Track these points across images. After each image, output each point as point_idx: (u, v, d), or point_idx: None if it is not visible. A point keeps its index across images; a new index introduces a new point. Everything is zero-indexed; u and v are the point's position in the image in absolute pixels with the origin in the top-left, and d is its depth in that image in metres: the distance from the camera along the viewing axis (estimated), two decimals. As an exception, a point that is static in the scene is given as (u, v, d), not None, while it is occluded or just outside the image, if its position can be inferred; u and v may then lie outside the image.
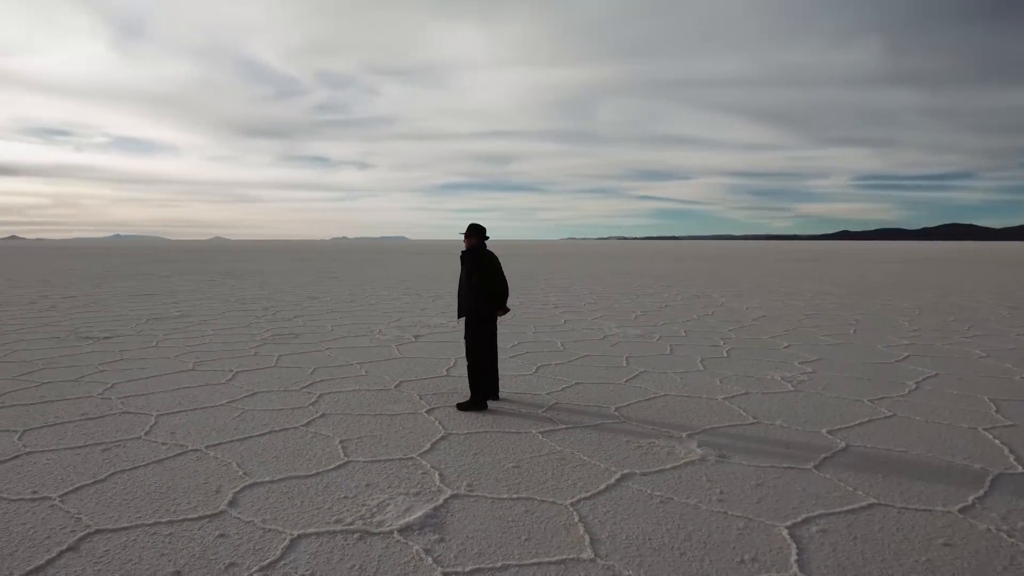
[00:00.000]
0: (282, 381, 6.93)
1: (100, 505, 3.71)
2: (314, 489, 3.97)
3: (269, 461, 4.46)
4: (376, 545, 3.26)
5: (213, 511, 3.65)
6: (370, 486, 4.03)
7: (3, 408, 5.78)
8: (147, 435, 5.02)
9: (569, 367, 7.75)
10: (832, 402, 6.10)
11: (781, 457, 4.58)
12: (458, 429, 5.24)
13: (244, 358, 8.25)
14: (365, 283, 22.06)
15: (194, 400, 6.10)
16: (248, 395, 6.32)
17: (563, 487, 4.03)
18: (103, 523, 3.48)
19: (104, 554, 3.15)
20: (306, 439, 4.95)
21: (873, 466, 4.39)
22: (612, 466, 4.40)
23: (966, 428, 5.29)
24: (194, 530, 3.41)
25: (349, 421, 5.44)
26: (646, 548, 3.24)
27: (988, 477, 4.19)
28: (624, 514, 3.64)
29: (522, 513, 3.66)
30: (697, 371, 7.53)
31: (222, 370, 7.50)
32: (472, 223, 5.99)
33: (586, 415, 5.65)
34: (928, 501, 3.81)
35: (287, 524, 3.49)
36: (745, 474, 4.25)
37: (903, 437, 5.03)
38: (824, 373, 7.42)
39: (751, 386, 6.76)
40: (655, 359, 8.27)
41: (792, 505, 3.76)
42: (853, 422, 5.44)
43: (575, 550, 3.22)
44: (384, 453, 4.65)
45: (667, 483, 4.10)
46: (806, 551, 3.21)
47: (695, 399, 6.22)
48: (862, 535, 3.38)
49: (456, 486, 4.04)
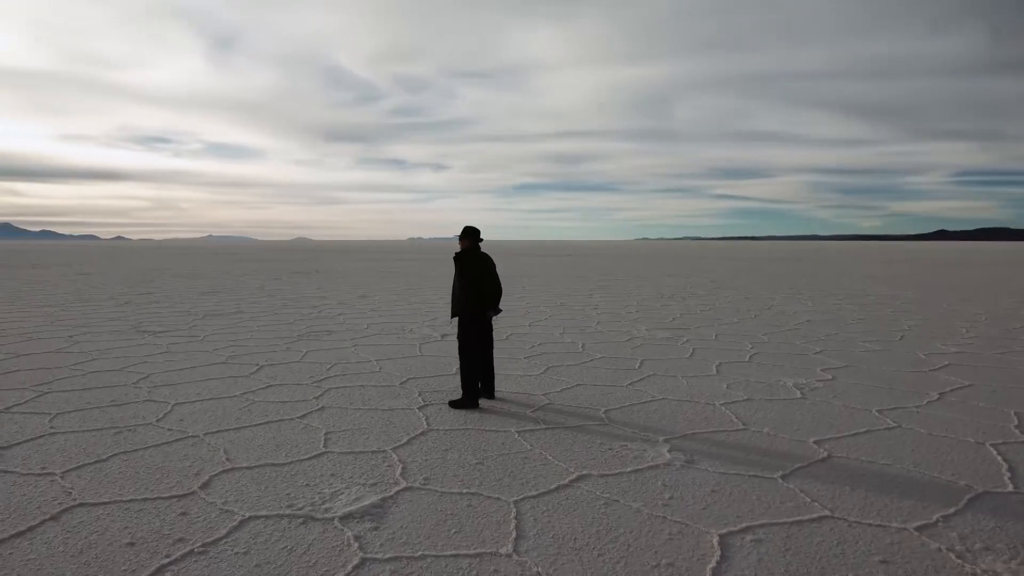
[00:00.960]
0: (299, 375, 7.34)
1: (92, 482, 4.13)
2: (281, 476, 4.25)
3: (253, 449, 4.78)
4: (314, 530, 3.48)
5: (185, 492, 3.98)
6: (334, 476, 4.27)
7: (47, 393, 6.44)
8: (159, 421, 5.48)
9: (579, 368, 7.78)
10: (835, 411, 5.86)
11: (751, 465, 4.48)
12: (441, 426, 5.41)
13: (275, 353, 8.76)
14: (423, 282, 22.66)
15: (213, 391, 6.58)
16: (263, 387, 6.74)
17: (514, 485, 4.13)
18: (89, 498, 3.88)
19: (77, 524, 3.52)
20: (296, 430, 5.26)
21: (845, 478, 4.23)
22: (572, 467, 4.44)
23: (972, 443, 4.97)
24: (162, 508, 3.74)
25: (342, 415, 5.72)
26: (567, 547, 3.30)
27: (968, 495, 3.96)
28: (561, 513, 3.70)
29: (463, 507, 3.78)
30: (708, 376, 7.37)
31: (250, 364, 8.00)
32: (467, 226, 6.14)
33: (572, 416, 5.69)
34: (887, 517, 3.65)
35: (243, 507, 3.76)
36: (704, 480, 4.20)
37: (895, 450, 4.79)
38: (844, 380, 7.10)
39: (757, 392, 6.57)
40: (670, 363, 8.15)
41: (737, 513, 3.70)
42: (847, 432, 5.22)
43: (497, 545, 3.31)
44: (361, 446, 4.88)
45: (620, 486, 4.11)
46: (728, 560, 3.17)
47: (691, 404, 6.12)
48: (796, 548, 3.30)
49: (413, 479, 4.21)
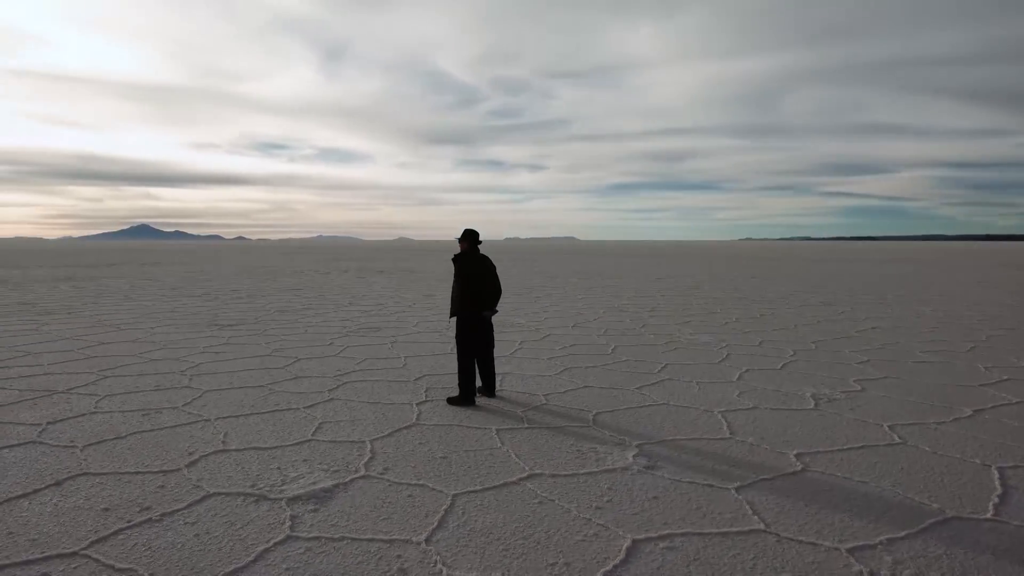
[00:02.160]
0: (326, 369, 7.84)
1: (104, 455, 4.71)
2: (260, 459, 4.65)
3: (250, 434, 5.24)
4: (261, 508, 3.81)
5: (172, 468, 4.46)
6: (305, 461, 4.61)
7: (107, 377, 7.30)
8: (184, 406, 6.10)
9: (596, 371, 7.77)
10: (841, 424, 5.54)
11: (712, 474, 4.38)
12: (429, 421, 5.65)
13: (317, 347, 9.36)
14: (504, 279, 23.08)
15: (243, 380, 7.18)
16: (289, 379, 7.28)
17: (463, 479, 4.28)
18: (94, 468, 4.44)
19: (73, 491, 4.06)
20: (295, 419, 5.68)
21: (805, 494, 4.05)
22: (529, 466, 4.54)
23: (977, 464, 4.57)
24: (147, 481, 4.23)
25: (343, 407, 6.10)
26: (477, 540, 3.42)
27: (933, 519, 3.69)
28: (491, 509, 3.82)
29: (404, 497, 3.99)
30: (726, 382, 7.15)
31: (290, 357, 8.62)
32: (466, 228, 6.35)
33: (560, 418, 5.75)
34: (825, 536, 3.49)
35: (212, 484, 4.17)
36: (652, 486, 4.16)
37: (882, 467, 4.50)
38: (873, 393, 6.65)
39: (767, 401, 6.31)
40: (693, 368, 7.95)
41: (666, 520, 3.67)
42: (839, 447, 4.95)
43: (413, 534, 3.50)
44: (345, 436, 5.21)
45: (565, 486, 4.17)
46: (627, 564, 3.18)
47: (689, 410, 5.99)
48: (705, 558, 3.24)
49: (374, 469, 4.47)
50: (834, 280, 24.57)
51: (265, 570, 3.11)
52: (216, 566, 3.14)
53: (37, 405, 6.06)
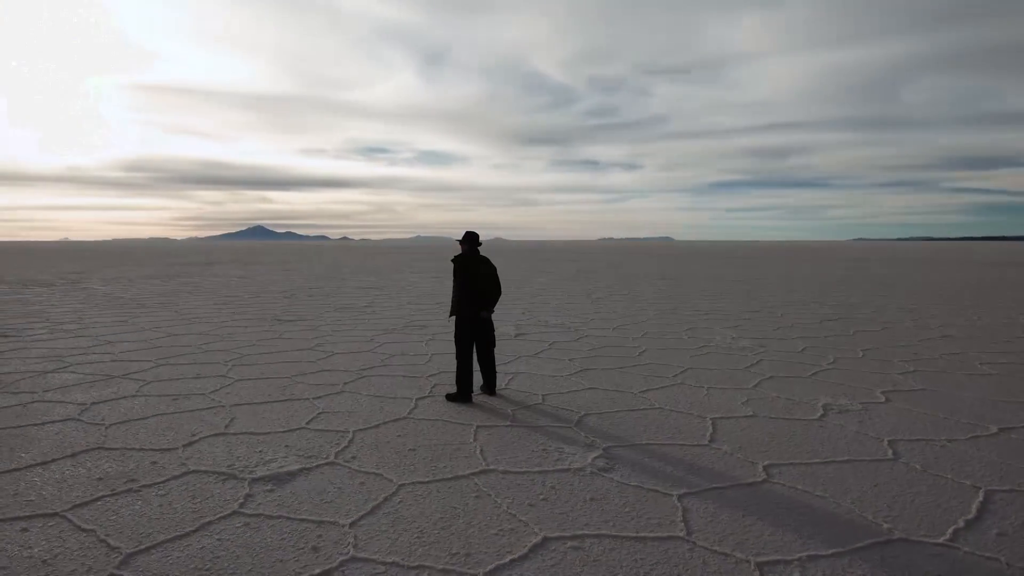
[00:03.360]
0: (354, 363, 8.30)
1: (123, 433, 5.32)
2: (248, 443, 5.08)
3: (254, 421, 5.71)
4: (226, 485, 4.20)
5: (171, 447, 4.98)
6: (287, 447, 4.99)
7: (162, 366, 8.12)
8: (211, 393, 6.71)
9: (611, 373, 7.73)
10: (837, 437, 5.25)
11: (665, 480, 4.33)
12: (420, 415, 5.90)
13: (357, 343, 9.90)
14: (564, 281, 23.18)
15: (274, 372, 7.77)
16: (315, 372, 7.79)
17: (419, 471, 4.49)
18: (110, 444, 5.04)
19: (81, 462, 4.64)
20: (300, 409, 6.11)
21: (750, 505, 3.93)
22: (489, 462, 4.67)
23: (967, 485, 4.23)
24: (144, 456, 4.75)
25: (349, 399, 6.48)
26: (399, 527, 3.62)
27: (874, 539, 3.49)
28: (429, 499, 4.00)
29: (355, 484, 4.26)
30: (738, 389, 6.91)
31: (328, 352, 9.19)
32: (467, 231, 6.56)
33: (546, 418, 5.83)
34: (744, 548, 3.40)
35: (196, 463, 4.63)
36: (595, 488, 4.19)
37: (855, 483, 4.27)
38: (895, 406, 6.21)
39: (770, 410, 6.07)
40: (712, 373, 7.73)
41: (588, 521, 3.70)
42: (818, 460, 4.71)
43: (344, 517, 3.75)
44: (335, 425, 5.57)
45: (511, 483, 4.27)
46: (524, 560, 3.27)
47: (682, 415, 5.88)
48: (605, 560, 3.27)
49: (342, 456, 4.78)
50: (932, 284, 22.60)
51: (199, 539, 3.46)
52: (161, 532, 3.53)
53: (92, 388, 6.88)
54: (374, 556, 3.29)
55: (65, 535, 3.51)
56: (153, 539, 3.46)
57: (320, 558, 3.27)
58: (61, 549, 3.35)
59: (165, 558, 3.26)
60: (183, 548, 3.37)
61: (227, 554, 3.31)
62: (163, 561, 3.23)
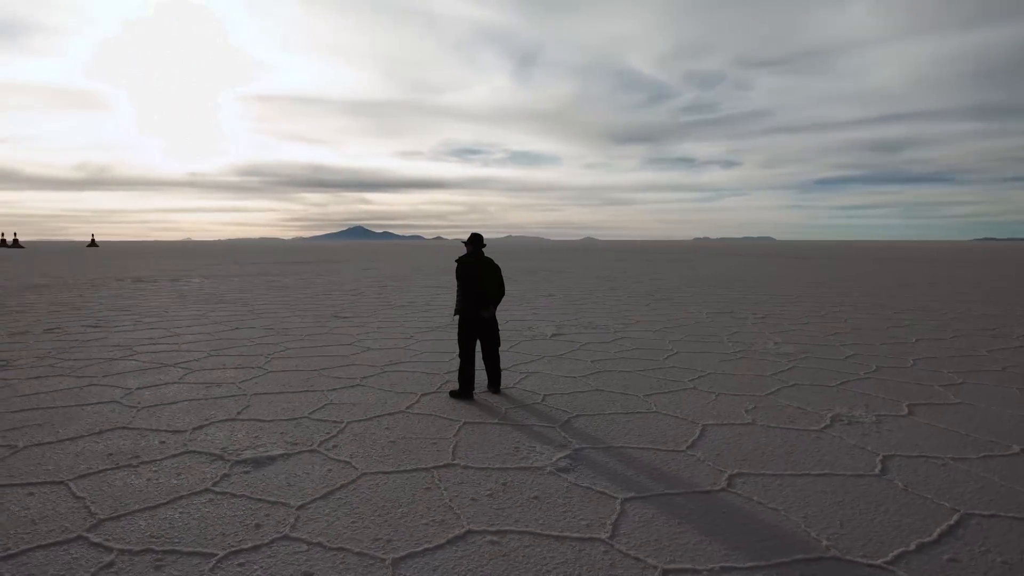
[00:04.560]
0: (382, 359, 8.70)
1: (149, 416, 5.92)
2: (249, 429, 5.52)
3: (265, 409, 6.17)
4: (212, 465, 4.62)
5: (183, 429, 5.50)
6: (281, 434, 5.39)
7: (213, 356, 8.87)
8: (241, 383, 7.29)
9: (626, 376, 7.67)
10: (828, 450, 5.00)
11: (619, 483, 4.32)
12: (419, 411, 6.15)
13: (394, 340, 10.34)
14: (629, 282, 22.88)
15: (307, 365, 8.29)
16: (343, 366, 8.25)
17: (387, 462, 4.73)
18: (134, 424, 5.63)
19: (104, 438, 5.24)
20: (310, 400, 6.53)
21: (695, 513, 3.87)
22: (458, 458, 4.83)
23: (946, 508, 3.94)
24: (156, 437, 5.29)
25: (361, 393, 6.84)
26: (341, 511, 3.86)
27: (807, 555, 3.35)
28: (381, 488, 4.22)
29: (323, 471, 4.55)
30: (748, 396, 6.67)
31: (365, 348, 9.66)
32: (473, 233, 6.75)
33: (537, 417, 5.91)
34: (658, 555, 3.38)
35: (197, 444, 5.10)
36: (545, 486, 4.25)
37: (818, 497, 4.08)
38: (915, 419, 5.80)
39: (771, 419, 5.83)
40: (731, 379, 7.48)
41: (518, 518, 3.78)
42: (793, 472, 4.52)
43: (297, 500, 4.04)
44: (334, 416, 5.92)
45: (467, 478, 4.42)
46: (439, 549, 3.41)
47: (675, 420, 5.78)
48: (514, 556, 3.35)
49: (324, 445, 5.10)
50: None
51: (166, 511, 3.86)
52: (137, 503, 3.97)
53: (143, 375, 7.67)
54: (304, 536, 3.55)
55: (59, 501, 4.02)
56: (127, 508, 3.90)
57: (257, 534, 3.57)
58: (51, 512, 3.85)
59: (130, 525, 3.68)
60: (149, 517, 3.78)
61: (182, 525, 3.68)
62: (127, 527, 3.65)
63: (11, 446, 5.04)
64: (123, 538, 3.53)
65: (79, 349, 9.35)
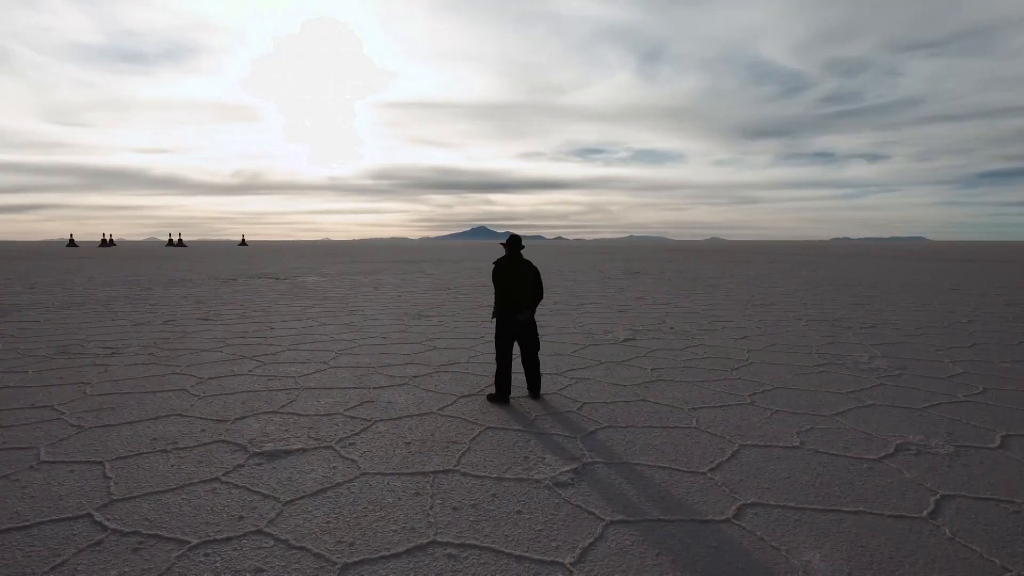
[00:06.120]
0: (442, 358, 8.81)
1: (205, 405, 6.39)
2: (283, 422, 5.78)
3: (309, 404, 6.45)
4: (233, 455, 4.89)
5: (225, 419, 5.88)
6: (312, 428, 5.59)
7: (289, 351, 9.45)
8: (300, 377, 7.68)
9: (681, 386, 7.20)
10: (879, 483, 4.36)
11: (613, 503, 4.05)
12: (448, 412, 6.15)
13: (465, 340, 10.44)
14: (736, 285, 21.62)
15: (368, 362, 8.59)
16: (401, 364, 8.45)
17: (391, 463, 4.75)
18: (189, 412, 6.11)
19: (159, 424, 5.72)
20: (353, 397, 6.74)
21: (679, 546, 3.53)
22: (459, 463, 4.77)
23: (996, 567, 3.29)
24: (199, 425, 5.69)
25: (405, 392, 6.96)
26: (322, 510, 3.93)
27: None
28: (372, 490, 4.25)
29: (327, 468, 4.66)
30: (812, 415, 6.00)
31: (431, 347, 9.85)
32: (510, 234, 6.65)
33: (563, 427, 5.70)
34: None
35: (231, 435, 5.42)
36: (532, 501, 4.07)
37: (837, 543, 3.57)
38: (1009, 454, 4.92)
39: (823, 444, 5.21)
40: (801, 395, 6.77)
41: (489, 532, 3.65)
42: (824, 507, 3.99)
43: (289, 495, 4.16)
44: (367, 415, 6.07)
45: (461, 486, 4.34)
46: (395, 558, 3.36)
47: (710, 437, 5.33)
48: (468, 572, 3.22)
49: (342, 443, 5.22)
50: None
51: (171, 496, 4.13)
52: (151, 486, 4.28)
53: (220, 366, 8.31)
54: (275, 532, 3.64)
55: (90, 479, 4.43)
56: (141, 491, 4.22)
57: (236, 527, 3.72)
58: (77, 489, 4.26)
59: (134, 507, 3.97)
60: (153, 501, 4.06)
61: (176, 511, 3.92)
62: (130, 509, 3.94)
63: (79, 427, 5.64)
64: (122, 519, 3.81)
65: (181, 340, 10.34)
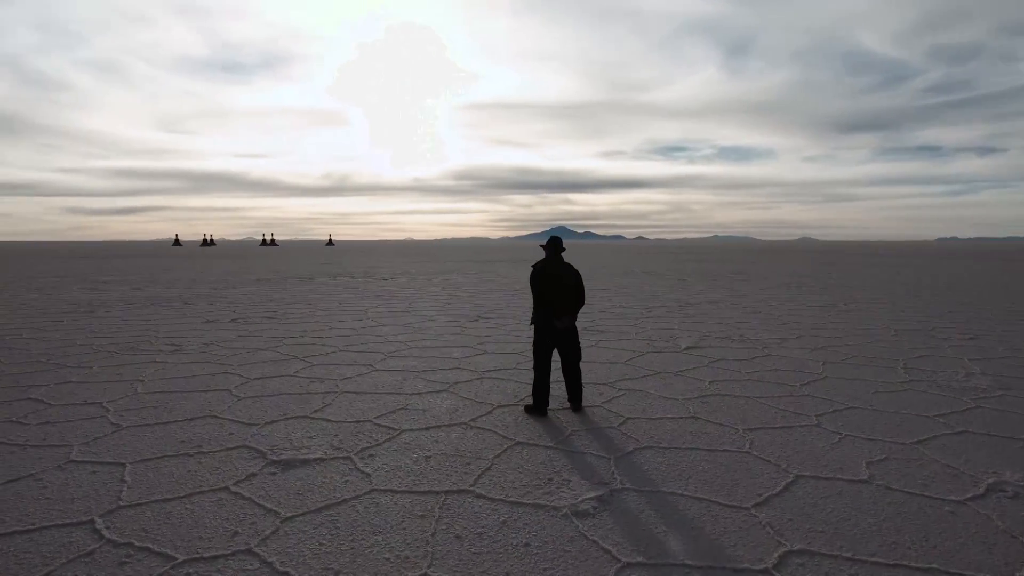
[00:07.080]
0: (489, 364, 8.52)
1: (242, 406, 6.38)
2: (310, 429, 5.65)
3: (340, 410, 6.32)
4: (250, 463, 4.78)
5: (257, 423, 5.81)
6: (336, 436, 5.43)
7: (338, 352, 9.44)
8: (342, 381, 7.59)
9: (742, 403, 6.55)
10: (961, 531, 3.66)
11: (635, 542, 3.59)
12: (481, 424, 5.84)
13: (517, 344, 10.12)
14: (817, 290, 20.15)
15: (412, 366, 8.42)
16: (445, 369, 8.22)
17: (407, 479, 4.48)
18: (223, 415, 6.10)
19: (192, 425, 5.73)
20: (388, 404, 6.55)
21: None
22: (477, 482, 4.43)
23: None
24: (230, 427, 5.64)
25: (441, 399, 6.71)
26: (321, 531, 3.70)
27: None
28: (379, 510, 3.99)
29: (339, 482, 4.44)
30: (889, 442, 5.25)
31: (481, 351, 9.58)
32: (552, 236, 6.26)
33: (598, 444, 5.25)
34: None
35: (255, 440, 5.33)
36: (544, 534, 3.68)
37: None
38: None
39: (898, 479, 4.49)
40: (875, 417, 5.98)
41: (485, 570, 3.28)
42: (890, 560, 3.37)
43: (292, 511, 3.97)
44: (396, 423, 5.85)
45: (470, 508, 4.01)
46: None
47: (763, 465, 4.73)
48: None
49: (363, 454, 5.01)
50: None
51: (176, 504, 4.03)
52: (159, 493, 4.21)
53: (268, 366, 8.38)
54: (263, 553, 3.44)
55: (107, 482, 4.42)
56: (150, 497, 4.15)
57: (227, 544, 3.55)
58: (91, 492, 4.24)
59: (137, 515, 3.89)
60: (157, 510, 3.97)
61: (177, 522, 3.80)
62: (132, 518, 3.86)
63: (118, 425, 5.74)
64: (120, 528, 3.73)
65: (242, 339, 10.59)
